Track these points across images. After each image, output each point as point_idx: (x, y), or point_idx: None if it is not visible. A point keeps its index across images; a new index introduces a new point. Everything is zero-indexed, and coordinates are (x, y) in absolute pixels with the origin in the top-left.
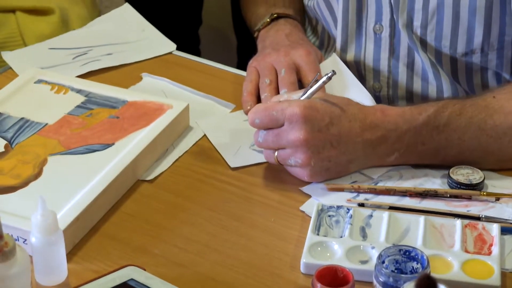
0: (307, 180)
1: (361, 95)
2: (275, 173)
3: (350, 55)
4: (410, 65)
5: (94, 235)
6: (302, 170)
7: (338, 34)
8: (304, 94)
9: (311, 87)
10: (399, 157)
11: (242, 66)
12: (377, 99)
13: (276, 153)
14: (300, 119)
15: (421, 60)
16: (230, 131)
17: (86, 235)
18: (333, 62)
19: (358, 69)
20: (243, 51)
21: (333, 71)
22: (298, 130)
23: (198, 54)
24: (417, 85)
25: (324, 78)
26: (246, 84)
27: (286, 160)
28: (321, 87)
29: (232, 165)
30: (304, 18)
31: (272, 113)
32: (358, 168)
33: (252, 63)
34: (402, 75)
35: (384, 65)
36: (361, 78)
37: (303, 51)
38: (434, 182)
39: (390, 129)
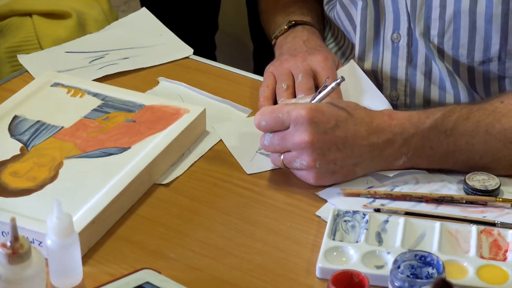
0: (313, 183)
1: (378, 101)
2: (290, 178)
3: (368, 64)
4: (428, 74)
5: (110, 238)
6: (308, 172)
7: (356, 42)
8: (313, 99)
9: (319, 92)
10: (407, 161)
11: (259, 71)
12: (395, 107)
13: (282, 156)
14: (306, 121)
15: (439, 68)
16: (247, 137)
17: (102, 238)
18: (350, 68)
19: (375, 78)
20: (260, 56)
21: (342, 77)
22: (303, 132)
23: (214, 59)
24: (435, 94)
25: (333, 84)
26: (262, 89)
27: (292, 163)
28: (330, 93)
29: (248, 171)
30: (323, 26)
31: (278, 115)
32: (365, 171)
33: (269, 68)
34: (419, 84)
35: (401, 73)
36: (379, 86)
37: (320, 56)
38: (450, 188)
39: (396, 133)
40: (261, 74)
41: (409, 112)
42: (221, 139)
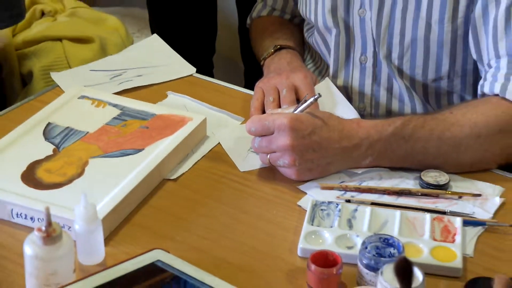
0: (294, 179)
1: (348, 111)
2: (276, 174)
3: (340, 80)
4: (390, 89)
5: (127, 224)
6: (290, 170)
7: (330, 63)
8: (295, 110)
9: (300, 105)
10: (372, 161)
11: (249, 87)
12: (362, 117)
13: (268, 156)
14: (287, 128)
15: (398, 85)
16: (240, 140)
17: (120, 224)
18: (326, 84)
19: (346, 92)
20: (250, 75)
21: (319, 94)
22: (285, 137)
23: (212, 77)
24: (395, 106)
25: (311, 99)
26: (253, 101)
27: (276, 162)
28: (309, 106)
29: (242, 169)
30: (303, 49)
31: (264, 123)
32: (337, 169)
33: (259, 84)
34: (382, 98)
35: (368, 89)
36: (349, 99)
37: (301, 74)
38: (408, 183)
39: (363, 138)
40: (252, 89)
41: (374, 121)
42: (219, 142)
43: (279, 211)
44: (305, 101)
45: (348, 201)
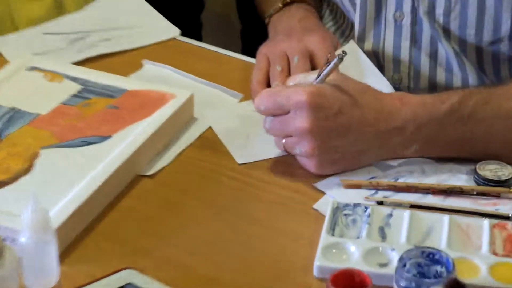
0: (314, 172)
1: (381, 85)
2: (286, 168)
3: (369, 44)
4: (433, 55)
5: (90, 234)
6: (308, 160)
7: (356, 21)
8: (318, 77)
9: (322, 71)
10: (418, 149)
11: (247, 52)
12: (397, 91)
13: (283, 140)
14: (306, 107)
15: (445, 49)
16: (238, 124)
17: (81, 235)
18: (350, 49)
19: (377, 59)
20: (248, 36)
21: (343, 51)
22: (303, 118)
23: (200, 40)
24: (441, 77)
25: (335, 60)
26: (255, 72)
27: (293, 149)
28: (333, 70)
29: (239, 161)
30: (321, 4)
31: (276, 100)
32: (371, 160)
33: (263, 50)
34: (424, 66)
35: (405, 54)
36: (380, 68)
37: (317, 37)
38: (460, 178)
39: (408, 120)
40: (250, 55)
41: (422, 96)
42: (210, 126)
43: (290, 216)
44: (327, 63)
45: (380, 203)
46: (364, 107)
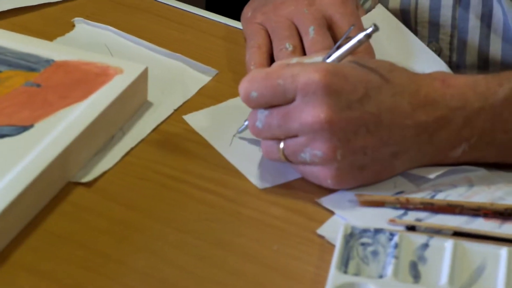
0: (331, 186)
1: (427, 61)
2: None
3: (395, 2)
4: (486, 18)
5: (2, 266)
6: (324, 169)
7: None
8: (328, 57)
9: (339, 46)
10: (469, 150)
11: (212, 7)
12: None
13: (282, 145)
14: (321, 90)
15: (503, 10)
16: (216, 111)
17: None
18: (379, 14)
19: (406, 23)
20: None
21: (374, 25)
22: (317, 107)
23: None
24: (496, 48)
25: (360, 36)
26: (251, 52)
27: (298, 155)
28: (355, 49)
29: (260, 185)
30: None
31: (277, 82)
32: (408, 166)
33: (255, 16)
34: (473, 33)
35: (446, 17)
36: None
37: None
38: None
39: (455, 107)
40: (218, 11)
41: (473, 76)
42: (171, 114)
43: (284, 244)
44: (348, 39)
45: (411, 228)
46: (396, 90)
